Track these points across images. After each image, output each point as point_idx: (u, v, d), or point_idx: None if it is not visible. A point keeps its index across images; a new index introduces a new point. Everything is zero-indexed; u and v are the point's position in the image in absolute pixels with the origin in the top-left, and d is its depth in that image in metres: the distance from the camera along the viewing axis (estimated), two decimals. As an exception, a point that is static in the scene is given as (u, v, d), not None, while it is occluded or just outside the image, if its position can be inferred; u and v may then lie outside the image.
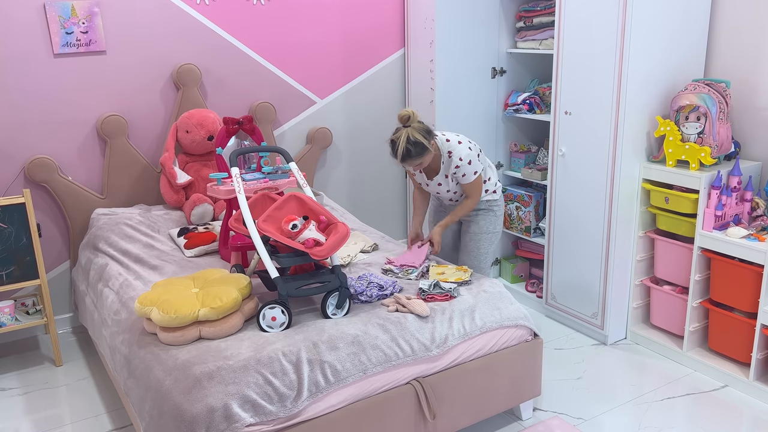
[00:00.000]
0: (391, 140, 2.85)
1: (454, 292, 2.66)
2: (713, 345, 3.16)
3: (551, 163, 3.54)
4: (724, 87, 3.05)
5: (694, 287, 3.11)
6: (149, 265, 3.06)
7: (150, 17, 3.53)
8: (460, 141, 2.93)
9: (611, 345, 3.46)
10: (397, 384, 2.41)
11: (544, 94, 3.88)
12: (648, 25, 3.02)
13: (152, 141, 3.70)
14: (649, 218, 3.33)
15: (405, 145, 2.77)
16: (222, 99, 3.82)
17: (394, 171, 4.51)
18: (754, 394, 2.96)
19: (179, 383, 2.14)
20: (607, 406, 2.93)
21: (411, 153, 2.78)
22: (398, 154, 2.79)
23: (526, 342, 2.73)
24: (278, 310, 2.41)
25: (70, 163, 3.52)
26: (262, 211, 2.61)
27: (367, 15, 4.14)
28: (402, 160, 2.81)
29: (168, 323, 2.31)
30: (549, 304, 3.74)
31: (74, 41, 3.36)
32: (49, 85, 3.37)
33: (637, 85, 3.08)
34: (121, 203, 3.64)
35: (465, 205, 3.03)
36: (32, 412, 2.95)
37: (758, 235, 2.88)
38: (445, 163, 2.94)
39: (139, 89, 3.59)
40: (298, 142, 4.13)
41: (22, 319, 3.27)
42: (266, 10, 3.82)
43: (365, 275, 2.78)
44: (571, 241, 3.50)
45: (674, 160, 3.11)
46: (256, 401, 2.13)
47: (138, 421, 2.32)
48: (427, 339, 2.46)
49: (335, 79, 4.16)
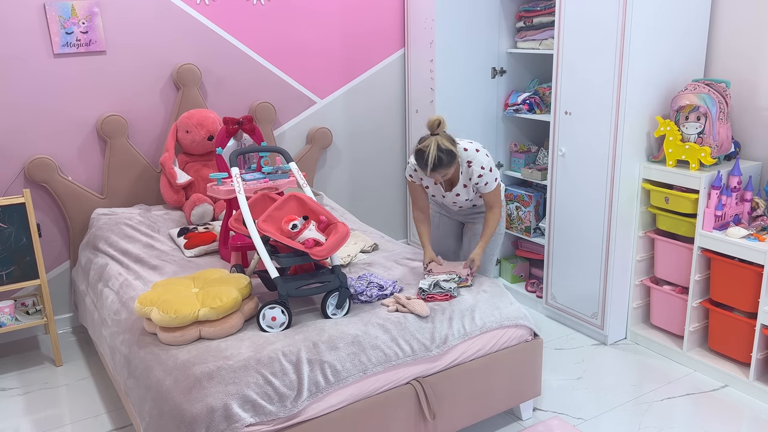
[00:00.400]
0: (418, 149, 2.62)
1: (454, 292, 2.65)
2: (713, 345, 3.16)
3: (551, 163, 3.54)
4: (724, 87, 3.05)
5: (694, 287, 3.11)
6: (149, 265, 3.06)
7: (150, 17, 3.53)
8: (477, 149, 2.80)
9: (611, 345, 3.46)
10: (397, 384, 2.41)
11: (544, 94, 3.88)
12: (648, 25, 3.02)
13: (152, 141, 3.70)
14: (649, 218, 3.33)
15: (436, 153, 2.56)
16: (222, 99, 3.82)
17: (394, 171, 4.51)
18: (754, 394, 2.96)
19: (179, 383, 2.14)
20: (607, 406, 2.93)
21: (442, 162, 2.58)
22: (429, 163, 2.57)
23: (526, 342, 2.73)
24: (278, 310, 2.41)
25: (70, 163, 3.52)
26: (262, 211, 2.61)
27: (367, 15, 4.14)
28: (432, 170, 2.60)
29: (168, 323, 2.31)
30: (549, 304, 3.74)
31: (74, 41, 3.36)
32: (49, 85, 3.37)
33: (637, 85, 3.08)
34: (121, 203, 3.64)
35: (491, 220, 2.88)
36: (32, 412, 2.95)
37: (758, 235, 2.88)
38: (464, 173, 2.81)
39: (139, 89, 3.59)
40: (298, 142, 4.13)
41: (22, 319, 3.27)
42: (266, 10, 3.83)
43: (365, 275, 2.78)
44: (571, 241, 3.50)
45: (674, 160, 3.11)
46: (256, 401, 2.13)
47: (138, 421, 2.32)
48: (427, 339, 2.46)
49: (335, 79, 4.16)
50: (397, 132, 4.45)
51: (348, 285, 2.56)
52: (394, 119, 4.42)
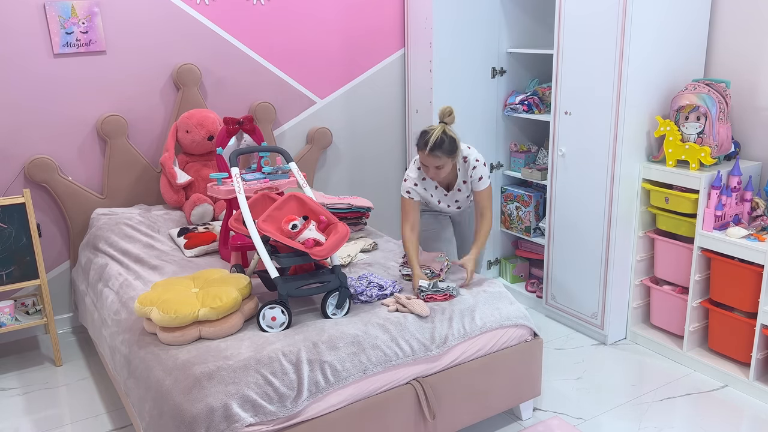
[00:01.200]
0: (423, 131, 2.78)
1: (453, 291, 2.65)
2: (713, 345, 3.16)
3: (551, 163, 3.54)
4: (724, 87, 3.05)
5: (694, 287, 3.11)
6: (149, 265, 3.06)
7: (150, 17, 3.53)
8: (468, 146, 2.95)
9: (611, 345, 3.46)
10: (397, 384, 2.41)
11: (544, 94, 3.88)
12: (648, 25, 3.02)
13: (152, 141, 3.70)
14: (649, 218, 3.33)
15: (440, 135, 2.71)
16: (222, 99, 3.82)
17: (394, 171, 4.51)
18: (754, 394, 2.96)
19: (179, 383, 2.14)
20: (607, 406, 2.93)
21: (443, 145, 2.71)
22: (430, 141, 2.70)
23: (526, 342, 2.73)
24: (278, 310, 2.41)
25: (70, 163, 3.52)
26: (262, 211, 2.61)
27: (367, 15, 4.14)
28: (431, 150, 2.72)
29: (168, 323, 2.31)
30: (549, 304, 3.74)
31: (74, 41, 3.36)
32: (49, 85, 3.37)
33: (637, 85, 3.08)
34: (121, 203, 3.64)
35: (484, 227, 2.96)
36: (32, 412, 2.95)
37: (758, 235, 2.88)
38: (462, 170, 2.94)
39: (139, 89, 3.59)
40: (298, 142, 4.13)
41: (22, 319, 3.27)
42: (266, 10, 3.82)
43: (365, 275, 2.78)
44: (571, 241, 3.50)
45: (674, 160, 3.11)
46: (256, 401, 2.13)
47: (138, 421, 2.32)
48: (427, 339, 2.47)
49: (335, 79, 4.16)
50: (397, 132, 4.45)
51: (348, 285, 2.56)
52: (394, 119, 4.42)
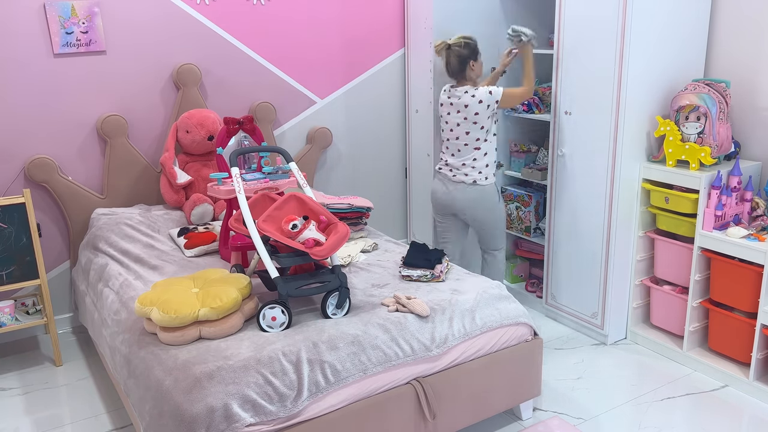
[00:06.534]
0: None
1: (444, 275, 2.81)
2: (713, 345, 3.16)
3: (551, 163, 3.54)
4: (724, 87, 3.05)
5: (694, 287, 3.11)
6: (149, 265, 3.06)
7: (150, 17, 3.53)
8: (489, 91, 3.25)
9: (611, 345, 3.46)
10: (397, 384, 2.41)
11: (544, 94, 3.88)
12: (648, 25, 3.02)
13: (152, 141, 3.70)
14: (649, 218, 3.33)
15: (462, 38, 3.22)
16: (222, 99, 3.82)
17: (394, 171, 4.51)
18: (754, 394, 2.96)
19: (179, 383, 2.14)
20: (607, 406, 2.93)
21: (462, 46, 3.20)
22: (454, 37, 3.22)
23: (526, 342, 2.73)
24: (278, 310, 2.41)
25: (70, 163, 3.52)
26: (262, 211, 2.61)
27: (367, 15, 4.15)
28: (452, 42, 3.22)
29: (168, 323, 2.31)
30: (549, 304, 3.74)
31: (74, 41, 3.36)
32: (49, 85, 3.37)
33: (637, 85, 3.08)
34: (121, 203, 3.64)
35: None
36: (32, 412, 2.95)
37: (758, 235, 2.88)
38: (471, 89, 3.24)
39: (139, 89, 3.59)
40: (298, 142, 4.13)
41: (22, 319, 3.27)
42: (266, 10, 3.83)
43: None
44: (571, 241, 3.50)
45: (674, 160, 3.11)
46: (256, 401, 2.13)
47: (138, 421, 2.32)
48: (427, 339, 2.47)
49: (335, 79, 4.16)
50: (397, 132, 4.45)
51: (348, 285, 2.56)
52: (394, 119, 4.42)
